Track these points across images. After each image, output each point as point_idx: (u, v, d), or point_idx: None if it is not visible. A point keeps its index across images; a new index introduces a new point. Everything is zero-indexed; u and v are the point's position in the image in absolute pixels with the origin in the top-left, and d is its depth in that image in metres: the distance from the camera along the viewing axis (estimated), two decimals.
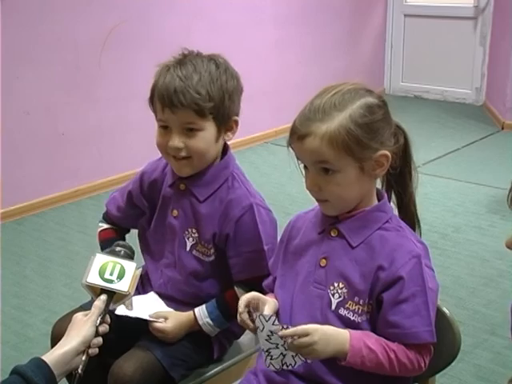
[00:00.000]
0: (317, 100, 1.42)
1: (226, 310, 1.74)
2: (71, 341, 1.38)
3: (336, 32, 5.93)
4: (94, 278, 1.47)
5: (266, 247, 1.71)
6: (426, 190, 4.36)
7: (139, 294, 1.80)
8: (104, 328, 1.43)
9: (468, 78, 6.24)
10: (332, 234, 1.47)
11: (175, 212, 1.79)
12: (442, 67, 6.33)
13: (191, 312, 1.75)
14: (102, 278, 1.47)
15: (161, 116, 1.70)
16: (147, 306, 1.75)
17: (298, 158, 1.46)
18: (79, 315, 1.44)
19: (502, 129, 5.54)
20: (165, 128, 1.71)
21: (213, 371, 1.81)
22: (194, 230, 1.76)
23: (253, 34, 5.18)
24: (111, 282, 1.46)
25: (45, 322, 2.84)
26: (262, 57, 5.28)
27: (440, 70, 6.35)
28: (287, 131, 1.45)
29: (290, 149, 1.46)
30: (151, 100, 1.73)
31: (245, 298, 1.47)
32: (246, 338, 1.94)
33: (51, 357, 1.35)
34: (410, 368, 1.41)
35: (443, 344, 1.48)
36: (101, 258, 1.50)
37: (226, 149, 1.79)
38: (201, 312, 1.75)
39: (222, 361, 1.85)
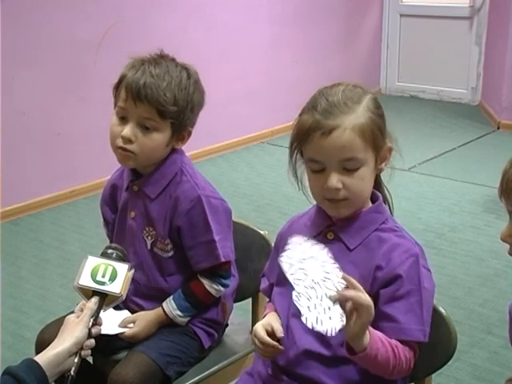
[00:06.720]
0: (330, 97, 1.40)
1: (194, 301, 1.78)
2: (63, 342, 1.37)
3: (332, 32, 5.93)
4: (85, 280, 1.47)
5: (216, 237, 1.75)
6: (422, 189, 4.37)
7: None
8: (96, 330, 1.43)
9: (464, 77, 6.25)
10: (328, 237, 1.46)
11: (132, 213, 1.83)
12: (438, 67, 6.34)
13: (159, 308, 1.79)
14: (93, 280, 1.47)
15: (122, 104, 1.72)
16: (114, 319, 1.76)
17: (310, 160, 1.41)
18: (71, 317, 1.44)
19: (498, 128, 5.55)
20: (121, 119, 1.73)
21: (208, 371, 1.81)
22: (151, 229, 1.80)
23: (248, 33, 5.17)
24: (103, 284, 1.46)
25: (41, 323, 2.80)
26: (257, 57, 5.28)
27: (436, 70, 6.36)
28: (283, 131, 1.45)
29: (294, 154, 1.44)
30: (117, 87, 1.75)
31: (261, 328, 1.45)
32: (241, 338, 1.94)
33: (43, 358, 1.34)
34: (404, 367, 1.40)
35: (439, 343, 1.48)
36: (93, 261, 1.50)
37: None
38: (169, 306, 1.78)
39: (218, 360, 1.85)
